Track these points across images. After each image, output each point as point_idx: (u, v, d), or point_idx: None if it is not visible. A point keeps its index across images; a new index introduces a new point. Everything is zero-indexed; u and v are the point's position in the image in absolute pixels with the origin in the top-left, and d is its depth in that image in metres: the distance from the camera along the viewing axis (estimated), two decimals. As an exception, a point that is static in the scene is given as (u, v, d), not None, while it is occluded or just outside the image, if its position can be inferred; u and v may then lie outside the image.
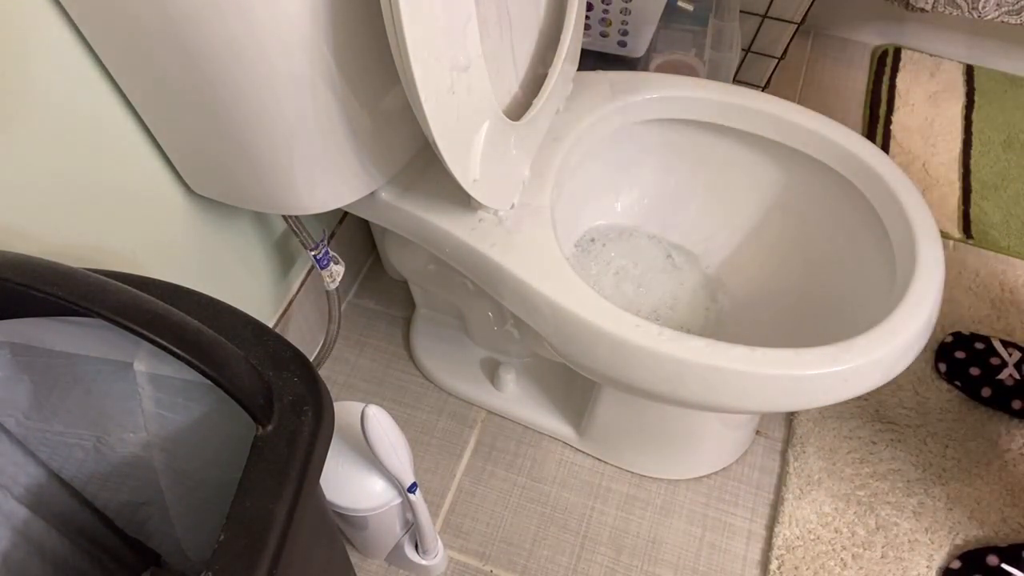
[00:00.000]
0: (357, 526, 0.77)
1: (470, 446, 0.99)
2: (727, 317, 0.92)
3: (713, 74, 1.07)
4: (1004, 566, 0.86)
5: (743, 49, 1.22)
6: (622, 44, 0.99)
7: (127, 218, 0.65)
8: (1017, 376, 0.99)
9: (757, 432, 0.99)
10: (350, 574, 0.71)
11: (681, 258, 0.95)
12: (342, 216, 1.02)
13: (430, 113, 0.51)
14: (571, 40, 0.72)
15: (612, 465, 0.97)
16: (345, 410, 0.69)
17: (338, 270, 0.84)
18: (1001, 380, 0.99)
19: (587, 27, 0.96)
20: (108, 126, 0.60)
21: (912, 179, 0.73)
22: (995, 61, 1.42)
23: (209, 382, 0.42)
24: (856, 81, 1.43)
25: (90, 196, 0.61)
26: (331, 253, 0.83)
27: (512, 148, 0.66)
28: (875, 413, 1.00)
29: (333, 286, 0.85)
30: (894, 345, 0.62)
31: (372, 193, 0.70)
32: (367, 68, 0.57)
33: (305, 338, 1.02)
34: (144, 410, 0.53)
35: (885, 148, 1.31)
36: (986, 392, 0.99)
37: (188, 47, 0.51)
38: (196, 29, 0.49)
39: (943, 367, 1.03)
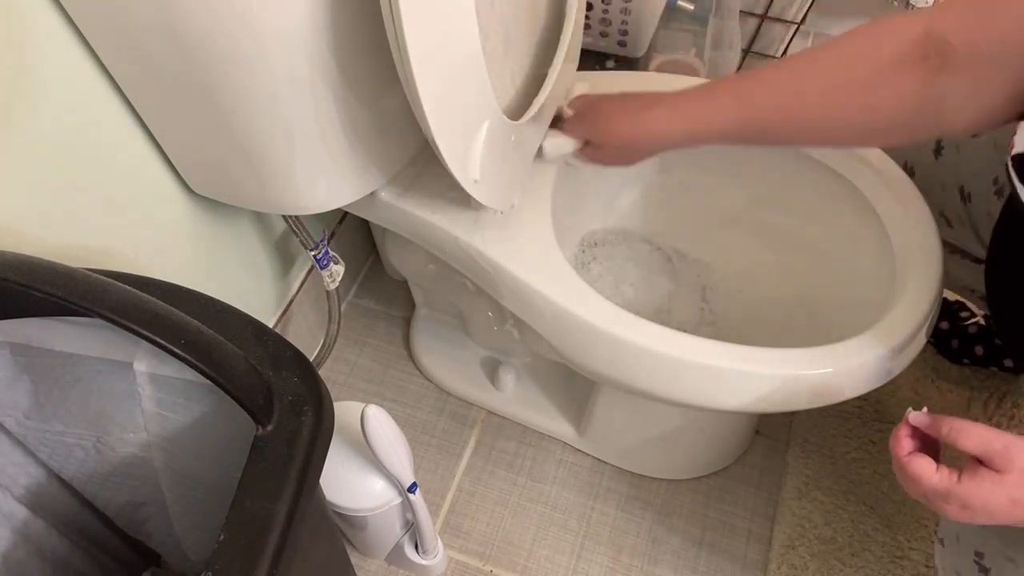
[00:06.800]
0: (357, 526, 0.77)
1: (470, 446, 0.99)
2: (726, 317, 0.92)
3: (713, 74, 1.07)
4: None
5: (743, 49, 1.21)
6: (622, 44, 0.99)
7: (127, 218, 0.65)
8: (982, 323, 1.01)
9: (757, 432, 0.99)
10: (350, 574, 0.71)
11: (680, 259, 0.95)
12: (342, 216, 1.02)
13: (430, 113, 0.51)
14: (571, 40, 0.72)
15: (612, 465, 0.97)
16: (345, 410, 0.69)
17: (338, 270, 0.84)
18: (966, 327, 1.02)
19: (587, 27, 0.96)
20: (108, 126, 0.60)
21: (912, 179, 0.73)
22: (995, 61, 1.42)
23: (209, 382, 0.42)
24: (856, 81, 1.43)
25: (90, 196, 0.61)
26: (331, 253, 0.83)
27: (512, 148, 0.66)
28: (875, 413, 1.00)
29: (333, 286, 0.85)
30: (893, 344, 0.62)
31: (372, 193, 0.70)
32: (367, 68, 0.57)
33: (305, 338, 1.02)
34: (144, 410, 0.53)
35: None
36: (955, 344, 1.02)
37: (187, 48, 0.51)
38: (195, 30, 0.49)
39: None
